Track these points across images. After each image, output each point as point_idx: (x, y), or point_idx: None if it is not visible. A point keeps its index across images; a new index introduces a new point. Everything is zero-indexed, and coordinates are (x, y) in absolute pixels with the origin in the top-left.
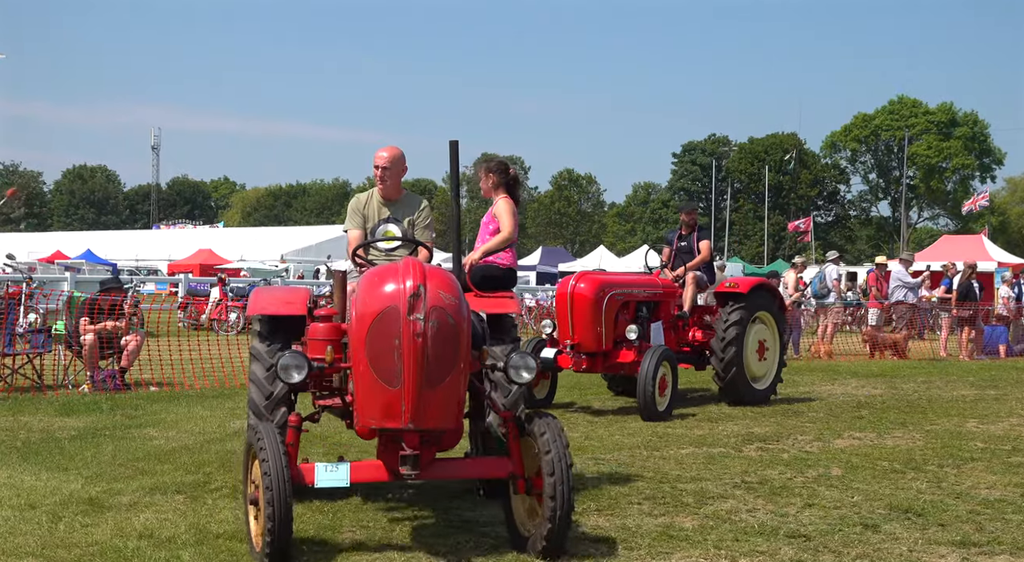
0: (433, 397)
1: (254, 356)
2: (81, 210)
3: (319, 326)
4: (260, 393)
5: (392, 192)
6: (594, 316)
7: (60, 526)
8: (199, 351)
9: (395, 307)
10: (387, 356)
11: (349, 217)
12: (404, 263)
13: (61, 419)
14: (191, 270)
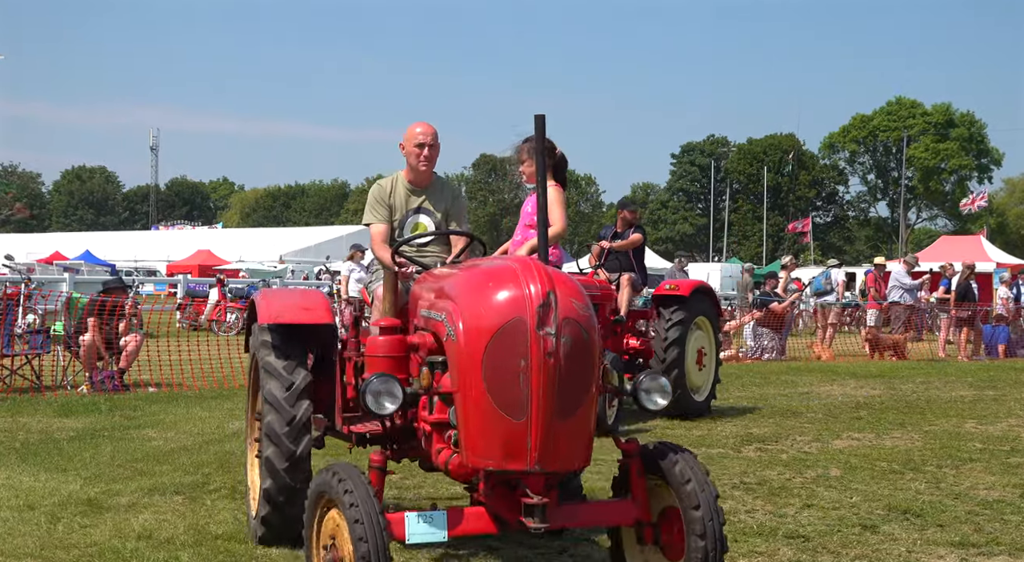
0: (564, 430)
1: (268, 373)
2: (80, 211)
3: (381, 339)
4: (280, 418)
5: (424, 178)
6: None
7: (59, 527)
8: (198, 352)
9: (521, 320)
10: (511, 381)
11: (371, 208)
12: (523, 263)
13: (60, 420)
14: (190, 271)
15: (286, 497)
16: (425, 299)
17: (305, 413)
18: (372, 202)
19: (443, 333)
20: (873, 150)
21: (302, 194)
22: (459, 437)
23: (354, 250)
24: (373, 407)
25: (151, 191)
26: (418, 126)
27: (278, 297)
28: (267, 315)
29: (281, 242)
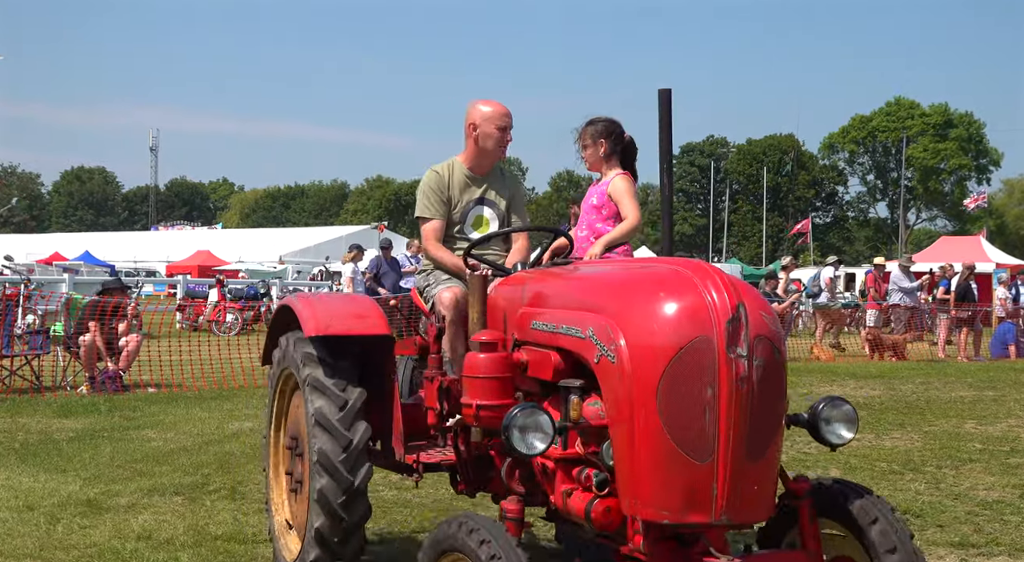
0: (754, 474)
1: (317, 390)
2: (79, 211)
3: (484, 358)
4: (334, 443)
5: (488, 164)
6: None
7: (58, 528)
8: (197, 353)
9: (706, 339)
10: (694, 414)
11: (427, 201)
12: (695, 267)
13: (59, 421)
14: (189, 271)
15: (341, 537)
16: (535, 309)
17: (363, 437)
18: (428, 193)
19: (590, 353)
20: (872, 151)
21: (302, 195)
22: (618, 480)
23: (354, 251)
24: (520, 446)
25: (151, 192)
26: (497, 106)
27: (324, 304)
28: (315, 325)
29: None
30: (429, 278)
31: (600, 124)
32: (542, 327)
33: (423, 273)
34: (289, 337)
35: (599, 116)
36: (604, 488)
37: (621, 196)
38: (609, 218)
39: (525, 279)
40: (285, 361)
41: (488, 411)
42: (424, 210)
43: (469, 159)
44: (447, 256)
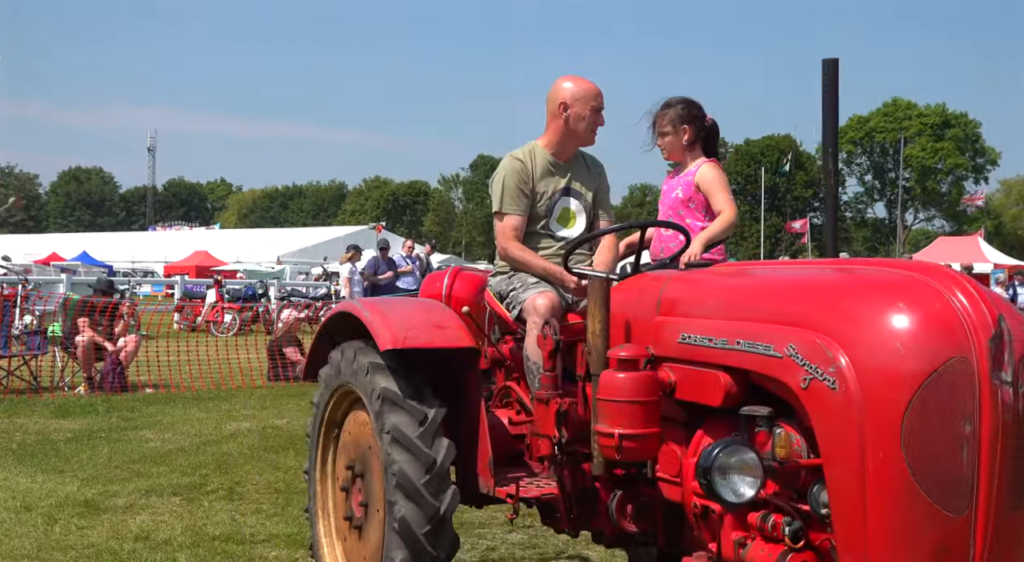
0: (1016, 526)
1: (394, 403)
2: (77, 212)
3: (626, 378)
4: (415, 463)
5: (571, 149)
6: None
7: (56, 528)
8: (195, 353)
9: (964, 361)
10: (948, 454)
11: (508, 194)
12: (935, 271)
13: (57, 421)
14: (187, 272)
15: None
16: (682, 319)
17: (447, 457)
18: (511, 185)
19: (790, 375)
20: (870, 151)
21: (299, 195)
22: (838, 534)
23: (352, 251)
24: (726, 493)
25: (148, 192)
26: (590, 84)
27: (397, 313)
28: (391, 337)
29: (279, 243)
30: (513, 282)
31: (680, 107)
32: (700, 341)
33: (501, 276)
34: (345, 349)
35: (675, 98)
36: (799, 540)
37: (713, 187)
38: (699, 212)
39: (654, 283)
40: (342, 376)
41: (633, 441)
42: (504, 204)
43: (553, 143)
44: (534, 258)
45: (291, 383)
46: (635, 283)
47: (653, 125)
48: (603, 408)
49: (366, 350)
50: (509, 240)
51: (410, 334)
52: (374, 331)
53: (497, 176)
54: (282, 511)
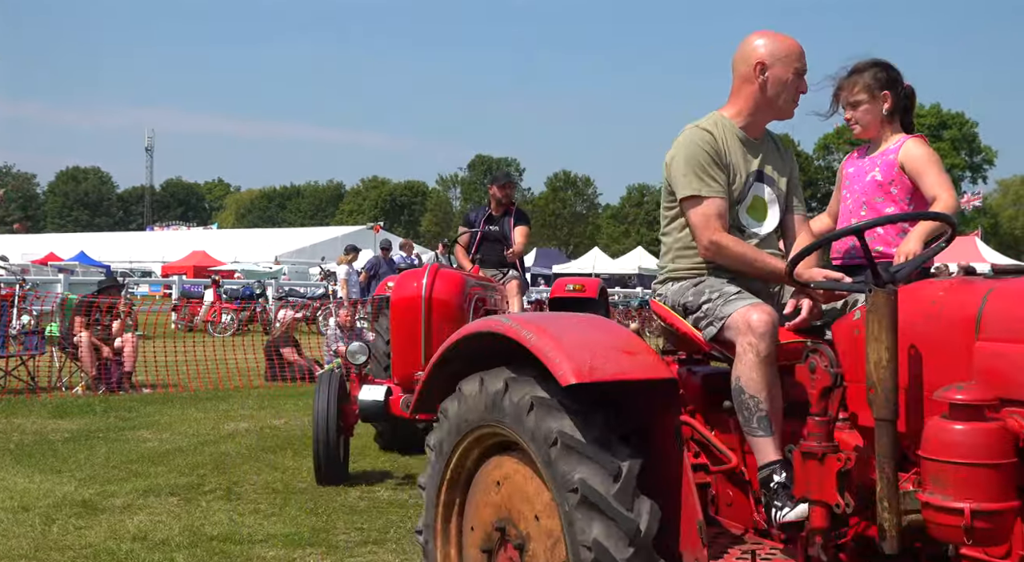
0: None
1: (578, 452)
2: (75, 212)
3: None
4: (615, 532)
5: (762, 124)
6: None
7: (53, 528)
8: (193, 353)
9: None
10: None
11: (702, 171)
12: None
13: (54, 421)
14: (185, 272)
15: None
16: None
17: (652, 522)
18: (703, 160)
19: None
20: None
21: (297, 195)
22: None
23: (351, 253)
24: None
25: (146, 192)
26: (791, 40)
27: (567, 331)
28: (574, 368)
29: (276, 243)
30: (704, 291)
31: (877, 70)
32: None
33: (678, 283)
34: (490, 380)
35: (863, 61)
36: None
37: (924, 167)
38: (903, 199)
39: (963, 295)
40: (484, 415)
41: (988, 520)
42: (699, 184)
43: (743, 114)
44: (763, 256)
45: (289, 383)
46: (922, 294)
47: (836, 95)
48: (937, 473)
49: (525, 382)
50: (718, 231)
51: (595, 363)
52: (548, 359)
53: (680, 152)
54: (280, 511)
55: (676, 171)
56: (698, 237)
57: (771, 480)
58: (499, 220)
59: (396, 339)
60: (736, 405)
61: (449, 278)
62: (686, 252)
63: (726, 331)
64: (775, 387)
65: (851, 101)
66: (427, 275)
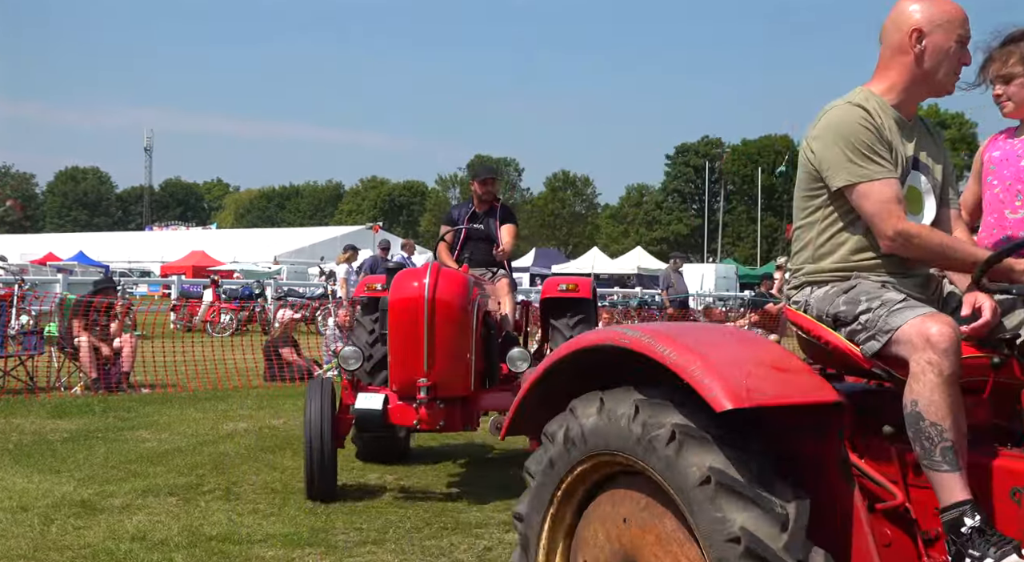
0: None
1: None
2: (73, 212)
3: None
4: None
5: (915, 102)
6: (463, 336)
7: (52, 528)
8: (192, 353)
9: None
10: None
11: (867, 151)
12: None
13: (53, 421)
14: (184, 272)
15: None
16: None
17: None
18: (866, 139)
19: None
20: None
21: (296, 195)
22: None
23: (349, 252)
24: None
25: (145, 192)
26: (951, 4)
27: (713, 347)
28: (729, 390)
29: (275, 243)
30: (861, 297)
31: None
32: None
33: (825, 287)
34: (612, 400)
35: (1019, 29)
36: None
37: None
38: None
39: None
40: (603, 441)
41: None
42: (866, 169)
43: (896, 90)
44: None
45: (288, 384)
46: None
47: (985, 67)
48: None
49: (660, 406)
50: (902, 218)
51: (752, 384)
52: (695, 380)
53: (832, 133)
54: (279, 511)
55: (831, 155)
56: (879, 228)
57: (961, 524)
58: (483, 218)
59: (395, 343)
60: (913, 434)
61: (452, 278)
62: (831, 250)
63: (894, 346)
64: (960, 412)
65: (1003, 74)
66: (429, 274)
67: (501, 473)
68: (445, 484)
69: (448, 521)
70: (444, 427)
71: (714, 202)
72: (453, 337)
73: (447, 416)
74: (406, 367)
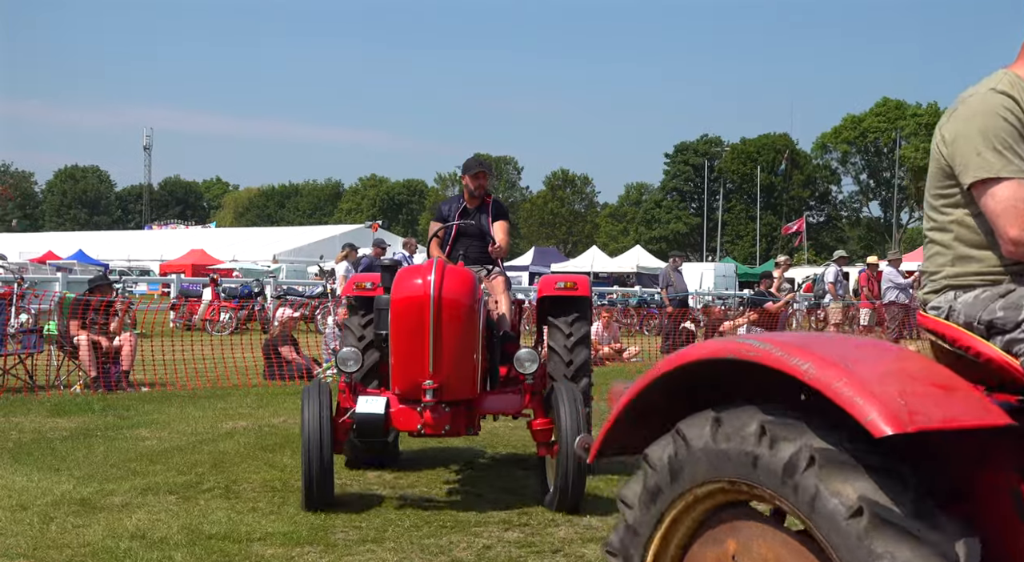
0: None
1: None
2: (73, 210)
3: None
4: None
5: None
6: (470, 336)
7: (52, 527)
8: (191, 351)
9: None
10: None
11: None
12: None
13: (53, 420)
14: (183, 270)
15: None
16: None
17: None
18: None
19: None
20: (864, 150)
21: (296, 194)
22: None
23: (347, 249)
24: None
25: (144, 190)
26: None
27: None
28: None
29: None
30: (1020, 302)
31: None
32: None
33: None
34: (732, 421)
35: None
36: None
37: None
38: None
39: None
40: (717, 464)
41: None
42: (996, 163)
43: None
44: None
45: (287, 382)
46: None
47: None
48: None
49: (792, 427)
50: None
51: (913, 404)
52: (845, 399)
53: (972, 123)
54: (278, 509)
55: (966, 147)
56: (1001, 229)
57: None
58: (475, 213)
59: (399, 344)
60: None
61: (459, 275)
62: (977, 251)
63: None
64: None
65: None
66: (435, 271)
67: (500, 472)
68: (444, 483)
69: (447, 519)
70: (449, 431)
71: (713, 201)
72: (460, 337)
73: (452, 420)
74: (410, 368)
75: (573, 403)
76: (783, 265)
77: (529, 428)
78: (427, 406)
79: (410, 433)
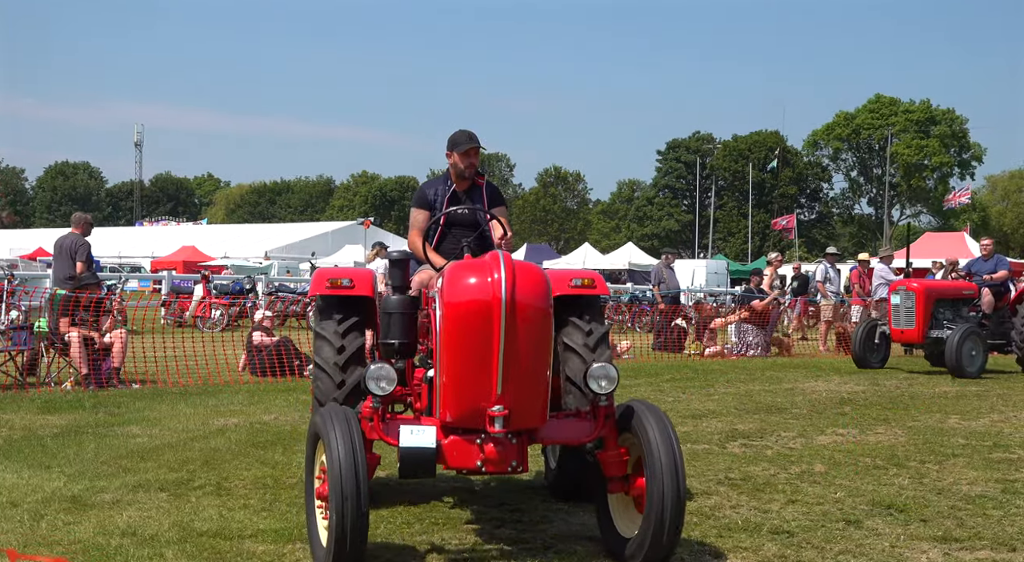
0: None
1: None
2: (64, 207)
3: None
4: None
5: None
6: (544, 350)
7: (42, 524)
8: (182, 348)
9: None
10: None
11: None
12: None
13: (43, 417)
14: (174, 267)
15: None
16: None
17: None
18: None
19: None
20: (856, 147)
21: (287, 190)
22: None
23: (377, 247)
24: None
25: (135, 187)
26: None
27: None
28: None
29: (266, 238)
30: None
31: None
32: None
33: None
34: None
35: None
36: None
37: None
38: None
39: None
40: None
41: None
42: None
43: None
44: None
45: (279, 379)
46: None
47: None
48: None
49: None
50: None
51: None
52: None
53: None
54: (270, 506)
55: None
56: None
57: None
58: (466, 198)
59: (453, 361)
60: None
61: (532, 273)
62: None
63: None
64: None
65: None
66: (503, 268)
67: None
68: (435, 480)
69: (439, 516)
70: (515, 468)
71: (705, 198)
72: (535, 350)
73: (519, 454)
74: (470, 390)
75: (664, 429)
76: (775, 262)
77: (593, 458)
78: (491, 438)
79: (463, 471)
